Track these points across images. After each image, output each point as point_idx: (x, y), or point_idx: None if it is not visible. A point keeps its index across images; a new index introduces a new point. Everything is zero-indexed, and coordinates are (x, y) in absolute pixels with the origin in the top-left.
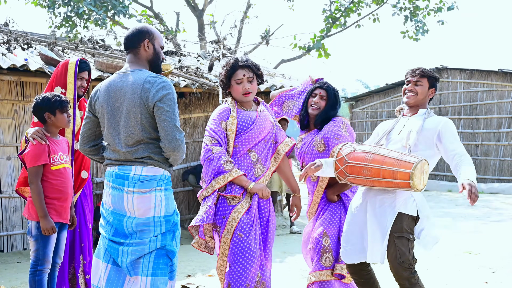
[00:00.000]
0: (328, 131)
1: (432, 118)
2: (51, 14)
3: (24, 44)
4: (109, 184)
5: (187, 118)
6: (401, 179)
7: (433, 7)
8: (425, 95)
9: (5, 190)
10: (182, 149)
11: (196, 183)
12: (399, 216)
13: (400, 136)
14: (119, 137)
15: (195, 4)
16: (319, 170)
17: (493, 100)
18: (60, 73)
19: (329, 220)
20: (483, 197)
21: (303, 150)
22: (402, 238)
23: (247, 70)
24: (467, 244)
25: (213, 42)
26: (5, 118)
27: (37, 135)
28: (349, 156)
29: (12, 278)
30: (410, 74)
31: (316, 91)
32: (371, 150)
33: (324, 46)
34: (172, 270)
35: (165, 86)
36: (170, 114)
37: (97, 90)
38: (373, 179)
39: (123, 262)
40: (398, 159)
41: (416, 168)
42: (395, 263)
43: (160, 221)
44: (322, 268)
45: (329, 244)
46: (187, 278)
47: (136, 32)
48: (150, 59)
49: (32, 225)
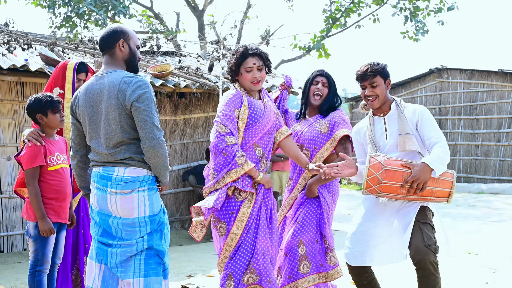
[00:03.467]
0: (336, 116)
1: (407, 109)
2: (51, 15)
3: (24, 45)
4: (94, 185)
5: (187, 119)
6: (440, 196)
7: (433, 8)
8: (385, 92)
9: (5, 191)
10: (163, 148)
11: (196, 183)
12: (421, 208)
13: (391, 141)
14: (100, 140)
15: (195, 4)
16: (351, 172)
17: (493, 101)
18: (58, 74)
19: (304, 226)
20: (483, 197)
21: (301, 131)
22: (427, 225)
23: (257, 59)
24: (467, 245)
25: (213, 43)
26: (5, 119)
27: (32, 137)
28: (383, 176)
29: (12, 278)
30: (362, 78)
31: (317, 79)
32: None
33: (324, 47)
34: (164, 269)
35: (141, 86)
36: (148, 113)
37: (77, 94)
38: (409, 197)
39: (112, 263)
40: (436, 177)
41: (454, 185)
42: (421, 246)
43: (145, 222)
44: (302, 276)
45: (305, 252)
46: (187, 278)
47: (110, 32)
48: (126, 59)
49: (30, 226)
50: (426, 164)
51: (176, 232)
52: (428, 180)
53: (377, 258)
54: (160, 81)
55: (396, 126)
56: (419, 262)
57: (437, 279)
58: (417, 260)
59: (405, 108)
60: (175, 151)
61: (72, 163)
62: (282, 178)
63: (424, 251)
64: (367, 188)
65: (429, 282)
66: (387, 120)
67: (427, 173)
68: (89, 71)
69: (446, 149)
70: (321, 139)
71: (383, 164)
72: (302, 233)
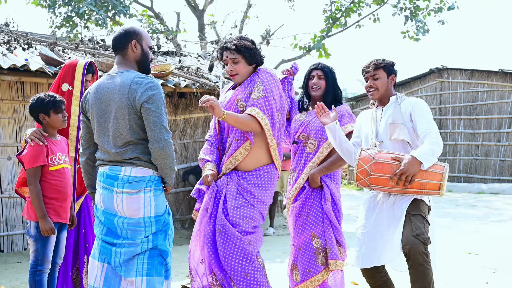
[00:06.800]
0: (343, 109)
1: (405, 102)
2: (52, 14)
3: (25, 44)
4: (100, 184)
5: (188, 118)
6: (430, 189)
7: (433, 7)
8: (386, 85)
9: (5, 190)
10: (170, 150)
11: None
12: (414, 200)
13: (381, 129)
14: (108, 138)
15: (195, 4)
16: (331, 125)
17: (494, 101)
18: (67, 72)
19: (314, 219)
20: (484, 197)
21: (308, 120)
22: (417, 216)
23: (230, 52)
24: (468, 244)
25: (213, 42)
26: (6, 118)
27: (34, 136)
28: (372, 168)
29: (13, 278)
30: (365, 70)
31: (313, 73)
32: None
33: (324, 46)
34: (167, 270)
35: (152, 87)
36: (157, 115)
37: (88, 92)
38: (399, 189)
39: (116, 262)
40: (424, 169)
41: (444, 178)
42: (410, 236)
43: (151, 222)
44: (320, 270)
45: (321, 244)
46: (187, 278)
47: (123, 33)
48: (138, 59)
49: (31, 226)
50: (414, 157)
51: (176, 232)
52: (416, 173)
53: (384, 257)
54: (161, 81)
55: (389, 115)
56: (408, 252)
57: (427, 270)
58: (406, 250)
59: (403, 101)
60: (175, 151)
61: (81, 160)
62: (283, 177)
63: (412, 241)
64: (357, 180)
65: (418, 273)
66: (384, 110)
67: (416, 166)
68: (95, 72)
69: (438, 140)
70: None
71: (372, 157)
72: (314, 226)
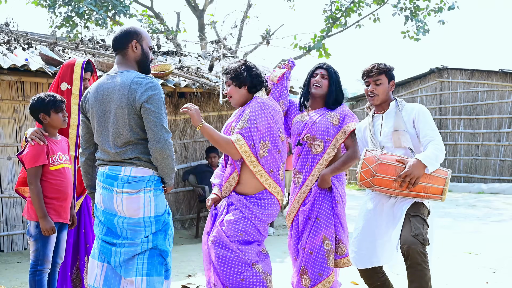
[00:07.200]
0: (345, 110)
1: (406, 108)
2: (52, 14)
3: (25, 44)
4: (100, 184)
5: (188, 118)
6: (433, 193)
7: (433, 7)
8: (387, 91)
9: (5, 190)
10: (170, 150)
11: (197, 183)
12: (414, 203)
13: (385, 137)
14: (108, 138)
15: (195, 4)
16: None
17: (494, 100)
18: (66, 71)
19: (324, 222)
20: (484, 197)
21: (312, 121)
22: (416, 217)
23: (225, 76)
24: (468, 244)
25: (213, 42)
26: (6, 118)
27: (35, 136)
28: (376, 169)
29: (13, 278)
30: (367, 75)
31: (317, 71)
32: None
33: (324, 46)
34: (167, 269)
35: (152, 87)
36: (157, 115)
37: (87, 92)
38: (401, 191)
39: (116, 262)
40: (428, 173)
41: (447, 183)
42: (408, 236)
43: (151, 222)
44: (331, 271)
45: (331, 246)
46: (187, 278)
47: (124, 33)
48: (139, 59)
49: (31, 225)
50: (419, 160)
51: (176, 231)
52: (420, 176)
53: (383, 257)
54: (161, 80)
55: (391, 123)
56: (406, 252)
57: (424, 270)
58: (404, 250)
59: (403, 107)
60: (176, 150)
61: (81, 160)
62: (285, 177)
63: (410, 241)
64: (361, 180)
65: (416, 273)
66: (385, 117)
67: (420, 169)
68: (94, 70)
69: (441, 147)
70: (333, 131)
71: (377, 158)
72: (325, 229)
